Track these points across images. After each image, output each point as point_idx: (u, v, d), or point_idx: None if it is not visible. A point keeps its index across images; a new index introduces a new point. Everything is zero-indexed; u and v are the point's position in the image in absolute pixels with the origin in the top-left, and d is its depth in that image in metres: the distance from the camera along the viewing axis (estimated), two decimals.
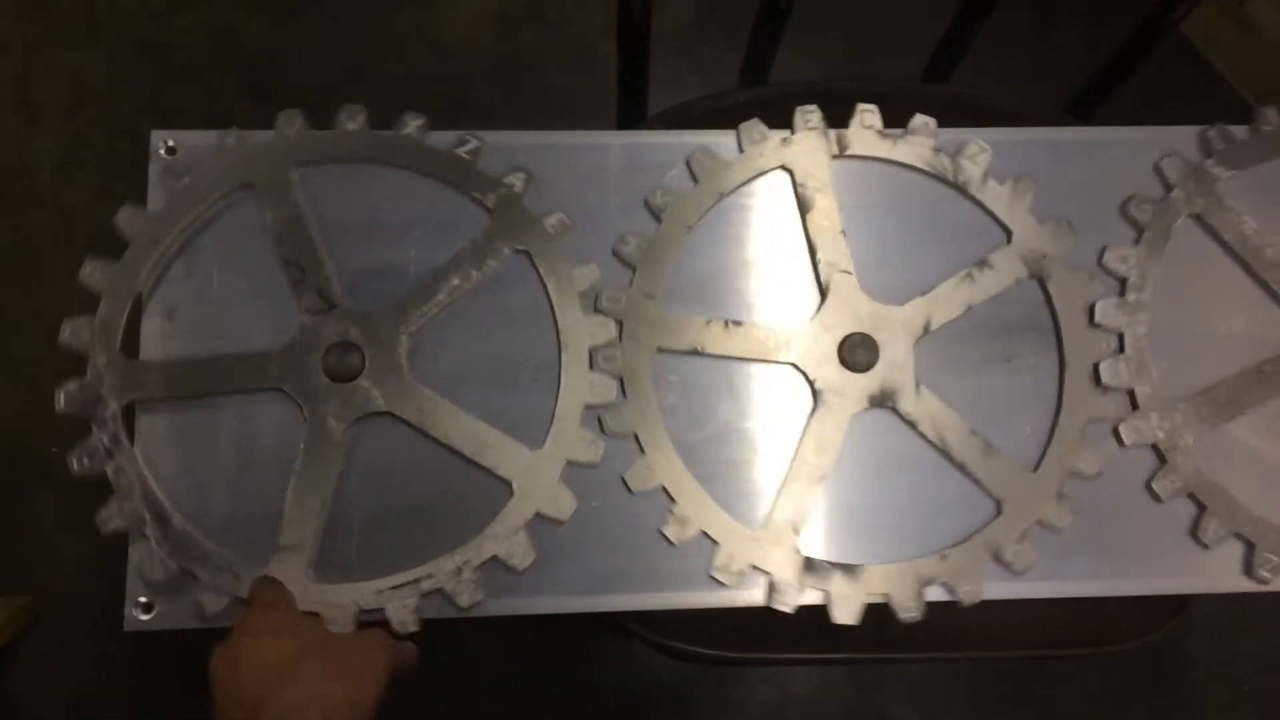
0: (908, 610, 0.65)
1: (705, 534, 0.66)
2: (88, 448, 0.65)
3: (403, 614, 0.63)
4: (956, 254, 0.70)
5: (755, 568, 0.66)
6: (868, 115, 0.71)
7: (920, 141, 0.70)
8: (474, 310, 0.69)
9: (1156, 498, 0.68)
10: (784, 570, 0.66)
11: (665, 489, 0.67)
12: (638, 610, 0.68)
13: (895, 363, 0.68)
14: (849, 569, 0.66)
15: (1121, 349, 0.68)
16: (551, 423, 0.67)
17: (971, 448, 0.67)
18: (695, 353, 0.69)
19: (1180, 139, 0.73)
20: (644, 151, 0.72)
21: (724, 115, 0.73)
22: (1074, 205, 0.71)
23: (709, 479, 0.68)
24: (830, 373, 0.68)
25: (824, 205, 0.70)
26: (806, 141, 0.71)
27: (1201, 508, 0.67)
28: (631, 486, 0.67)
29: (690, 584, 0.67)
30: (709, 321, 0.69)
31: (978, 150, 0.70)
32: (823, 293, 0.69)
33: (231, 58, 1.48)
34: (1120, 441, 0.68)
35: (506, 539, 0.65)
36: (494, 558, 0.65)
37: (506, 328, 0.69)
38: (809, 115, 0.71)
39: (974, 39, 0.87)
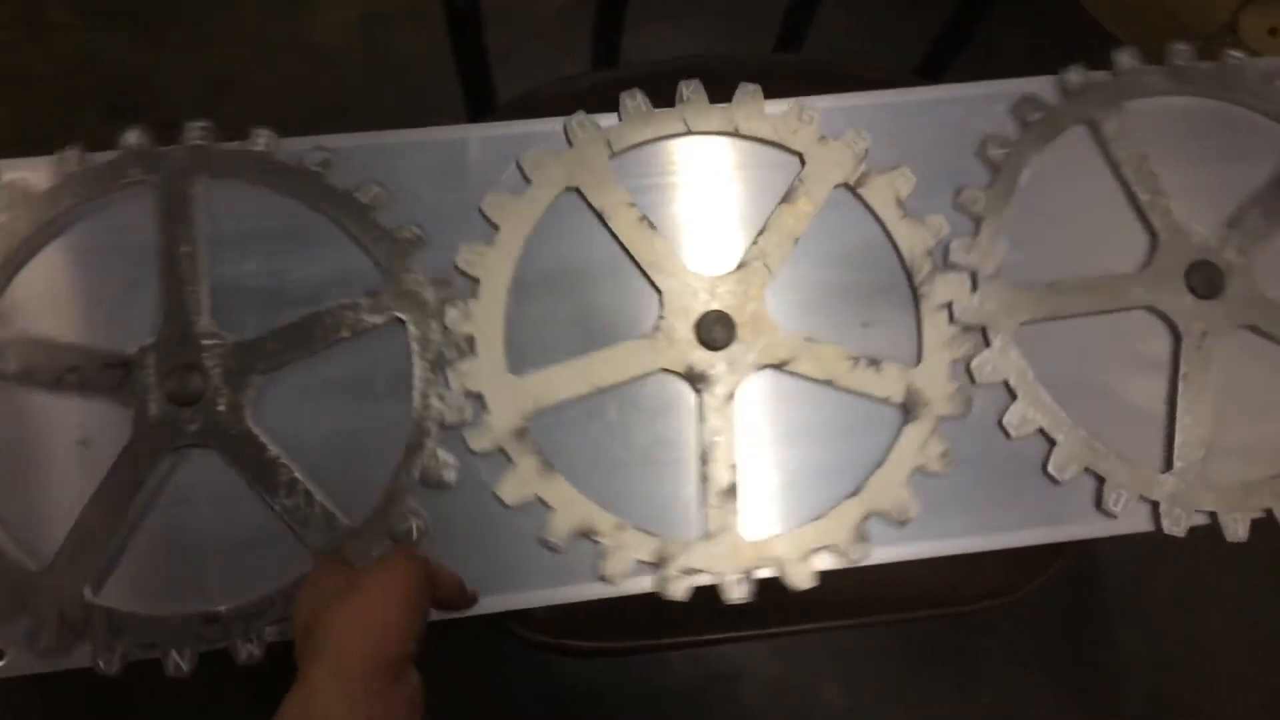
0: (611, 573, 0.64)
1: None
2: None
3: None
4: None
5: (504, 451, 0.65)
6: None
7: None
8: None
9: (1007, 434, 0.68)
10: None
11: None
12: (514, 611, 0.65)
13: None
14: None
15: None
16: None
17: None
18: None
19: (1026, 89, 0.74)
20: (490, 144, 0.70)
21: (572, 100, 0.72)
22: (920, 164, 0.71)
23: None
24: (698, 357, 0.67)
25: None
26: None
27: (1051, 443, 0.67)
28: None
29: (562, 579, 0.65)
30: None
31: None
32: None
33: (96, 81, 1.44)
34: (971, 378, 0.68)
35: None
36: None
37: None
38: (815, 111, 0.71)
39: (816, 5, 0.86)
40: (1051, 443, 0.67)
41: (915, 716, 1.37)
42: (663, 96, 0.71)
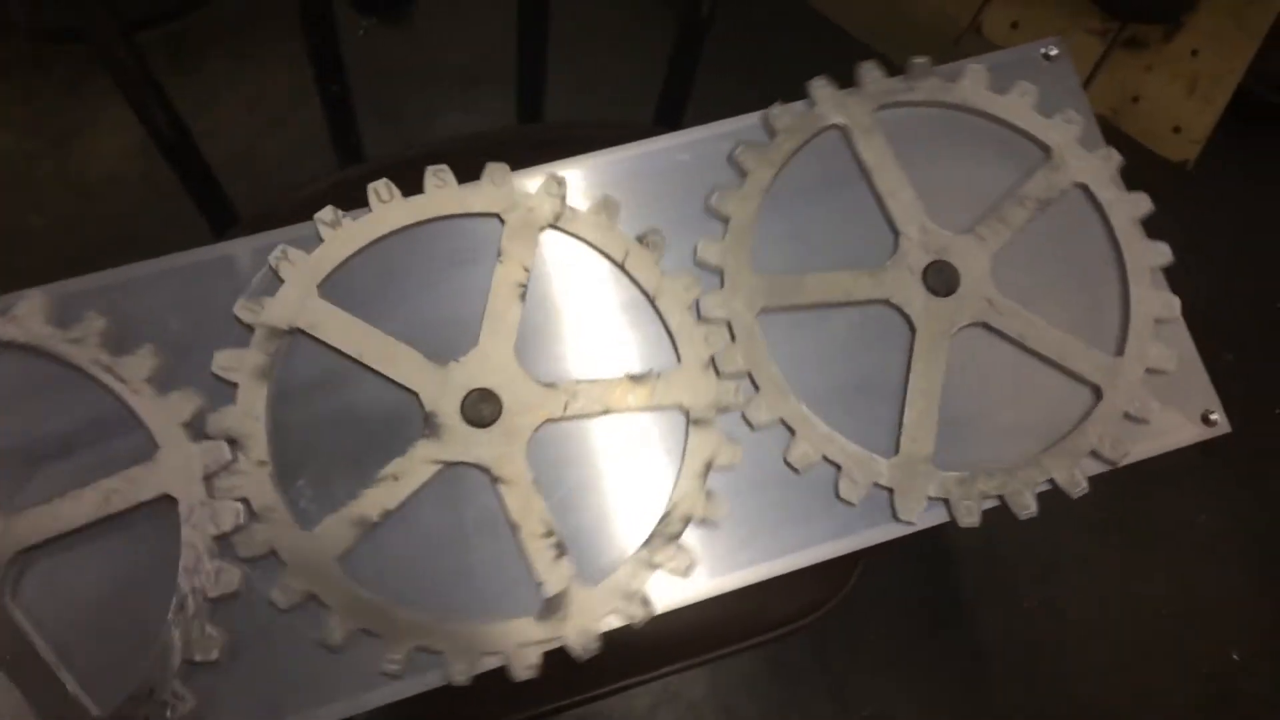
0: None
1: None
2: None
3: None
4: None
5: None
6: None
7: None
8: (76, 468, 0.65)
9: (851, 504, 0.69)
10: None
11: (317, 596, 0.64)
12: None
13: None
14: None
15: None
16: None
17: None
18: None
19: (754, 125, 0.76)
20: (230, 263, 0.69)
21: (313, 204, 0.71)
22: (663, 216, 0.73)
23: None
24: (475, 439, 0.67)
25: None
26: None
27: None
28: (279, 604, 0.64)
29: (360, 685, 0.63)
30: None
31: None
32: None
33: None
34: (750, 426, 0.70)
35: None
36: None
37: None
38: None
39: (540, 73, 0.88)
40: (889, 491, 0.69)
41: None
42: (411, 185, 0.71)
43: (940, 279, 0.74)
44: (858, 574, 0.83)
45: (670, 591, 0.67)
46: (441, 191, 0.71)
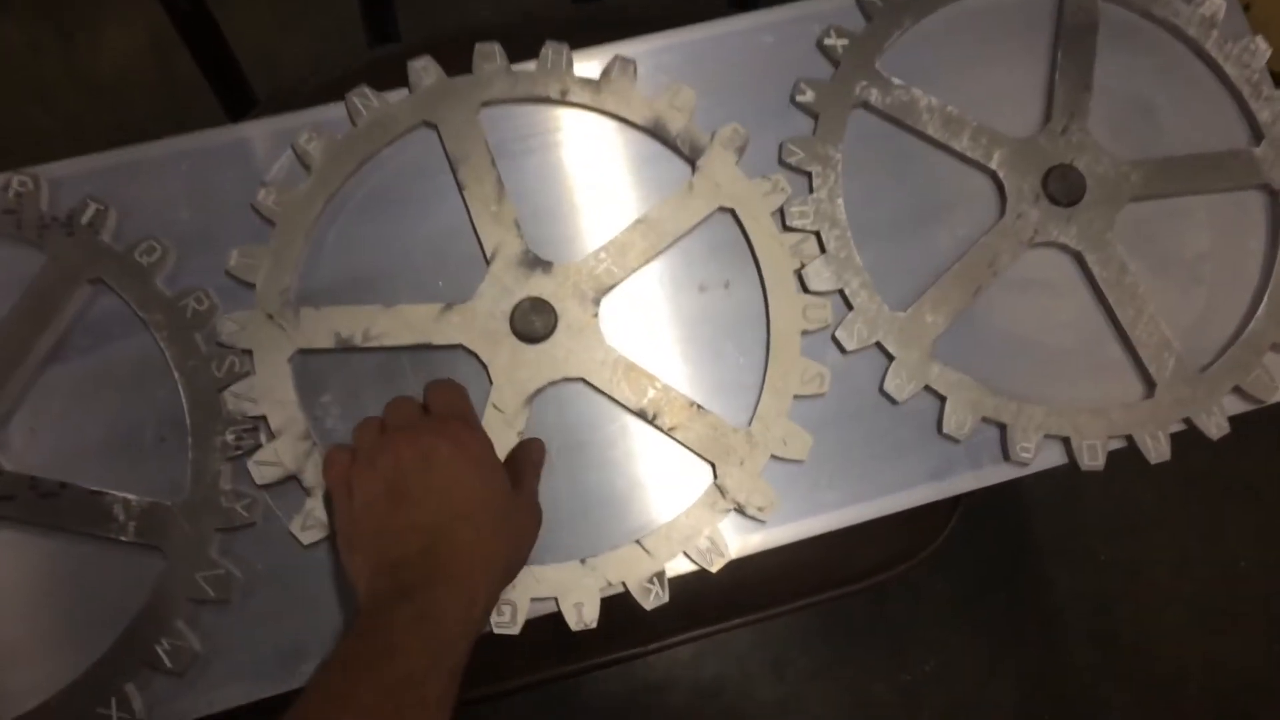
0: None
1: None
2: None
3: None
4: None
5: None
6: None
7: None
8: (76, 373, 0.57)
9: (892, 400, 0.60)
10: None
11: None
12: None
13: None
14: None
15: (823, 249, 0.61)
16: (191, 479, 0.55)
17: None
18: (344, 349, 0.58)
19: (840, 6, 0.67)
20: (249, 145, 0.61)
21: (341, 86, 0.62)
22: (744, 100, 0.64)
23: None
24: (503, 349, 0.58)
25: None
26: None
27: (942, 400, 0.60)
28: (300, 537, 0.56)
29: None
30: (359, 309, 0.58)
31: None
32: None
33: None
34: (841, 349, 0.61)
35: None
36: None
37: (117, 387, 0.57)
38: None
39: None
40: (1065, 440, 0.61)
41: (853, 695, 1.30)
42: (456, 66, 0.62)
43: (1063, 187, 0.63)
44: (956, 520, 0.73)
45: (746, 537, 0.59)
46: None
